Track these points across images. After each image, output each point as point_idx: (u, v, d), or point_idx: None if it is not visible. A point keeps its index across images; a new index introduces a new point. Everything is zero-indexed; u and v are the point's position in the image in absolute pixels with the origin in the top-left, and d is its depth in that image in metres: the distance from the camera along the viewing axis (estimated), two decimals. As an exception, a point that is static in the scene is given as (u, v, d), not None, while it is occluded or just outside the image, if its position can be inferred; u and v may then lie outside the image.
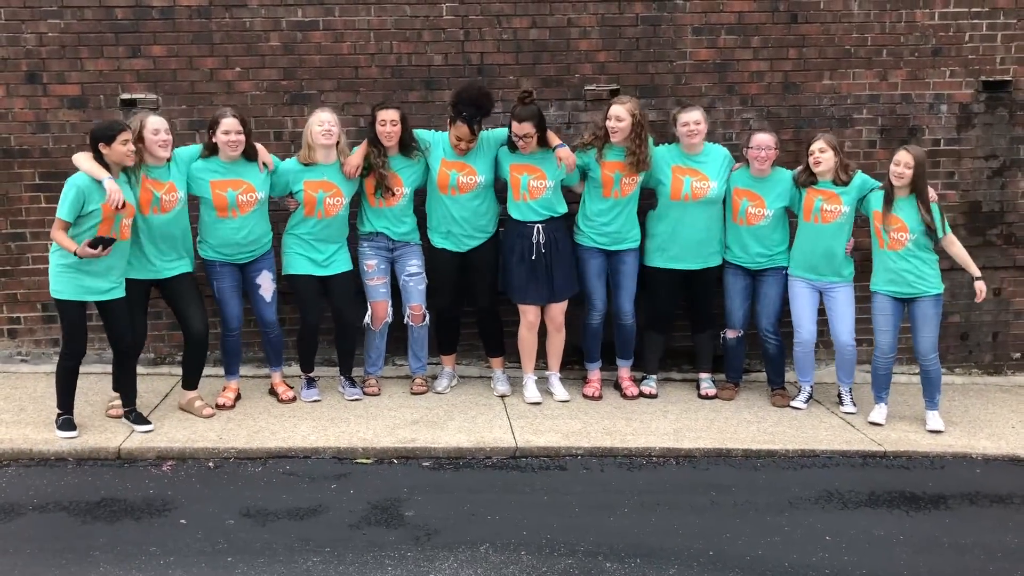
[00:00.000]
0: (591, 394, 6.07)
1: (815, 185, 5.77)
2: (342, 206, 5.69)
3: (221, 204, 5.44)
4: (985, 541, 4.46)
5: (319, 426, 5.47)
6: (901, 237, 5.55)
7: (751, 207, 5.84)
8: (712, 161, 5.88)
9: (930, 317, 5.61)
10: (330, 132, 5.57)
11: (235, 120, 5.39)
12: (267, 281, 5.69)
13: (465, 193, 5.79)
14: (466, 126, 5.62)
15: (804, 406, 6.01)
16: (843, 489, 4.96)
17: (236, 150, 5.42)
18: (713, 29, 6.37)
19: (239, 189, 5.45)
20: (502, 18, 6.26)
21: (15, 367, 6.32)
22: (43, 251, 6.22)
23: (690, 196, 5.82)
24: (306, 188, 5.61)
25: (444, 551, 4.20)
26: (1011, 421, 6.01)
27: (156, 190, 5.22)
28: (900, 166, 5.49)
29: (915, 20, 6.46)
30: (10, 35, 6.04)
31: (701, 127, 5.79)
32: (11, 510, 4.49)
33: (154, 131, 5.16)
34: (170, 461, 5.06)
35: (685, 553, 4.25)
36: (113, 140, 4.90)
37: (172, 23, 6.10)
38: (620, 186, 5.81)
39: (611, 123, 5.68)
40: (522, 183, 5.77)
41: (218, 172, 5.45)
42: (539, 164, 5.77)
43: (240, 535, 4.31)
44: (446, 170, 5.76)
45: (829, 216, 5.72)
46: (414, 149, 5.78)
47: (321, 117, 5.58)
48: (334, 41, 6.20)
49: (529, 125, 5.63)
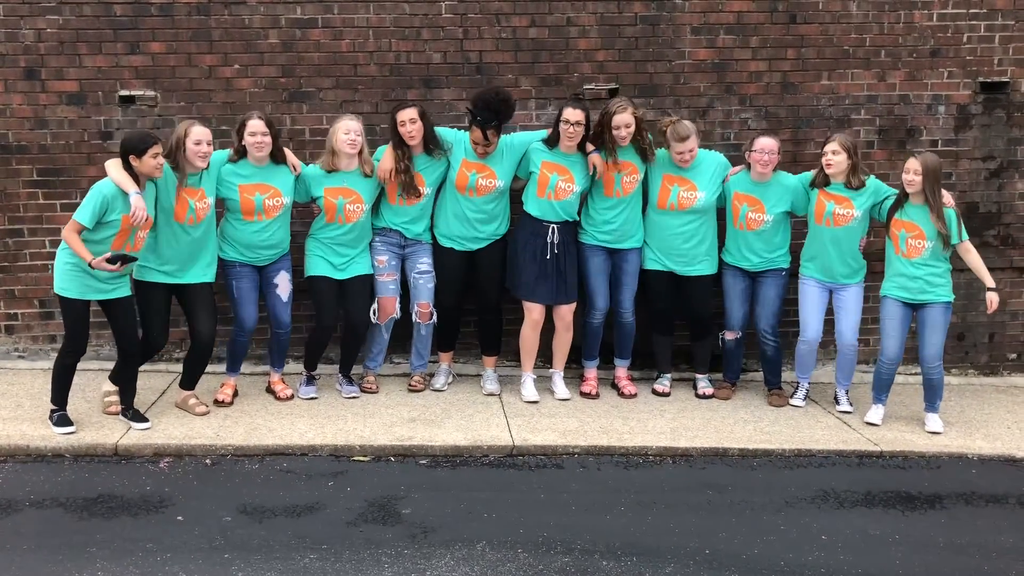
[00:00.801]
0: (589, 392, 6.08)
1: (827, 188, 5.75)
2: (363, 212, 5.69)
3: (248, 208, 5.46)
4: (980, 541, 4.47)
5: (316, 424, 5.48)
6: (919, 244, 5.53)
7: (751, 212, 5.84)
8: (704, 170, 5.88)
9: (938, 324, 5.60)
10: (355, 142, 5.57)
11: (261, 122, 5.42)
12: (284, 281, 5.69)
13: (482, 196, 5.80)
14: (480, 131, 5.63)
15: (803, 403, 6.03)
16: (839, 489, 4.97)
17: (263, 151, 5.44)
18: (712, 29, 6.38)
19: (266, 194, 5.48)
20: (501, 16, 6.27)
21: (12, 363, 6.32)
22: (41, 247, 6.24)
23: (676, 206, 5.85)
24: (326, 195, 5.62)
25: (441, 549, 4.21)
26: (1007, 421, 6.02)
27: (190, 198, 5.23)
28: (910, 173, 5.48)
29: (913, 21, 6.47)
30: (8, 31, 6.04)
31: (694, 153, 5.80)
32: (8, 506, 4.48)
33: (196, 141, 5.15)
34: (167, 458, 5.06)
35: (681, 552, 4.26)
36: (144, 153, 4.88)
37: (171, 20, 6.10)
38: (621, 184, 5.84)
39: (620, 132, 5.70)
40: (551, 181, 5.78)
41: (246, 176, 5.48)
42: (571, 167, 5.79)
43: (237, 532, 4.31)
44: (466, 171, 5.77)
45: (841, 220, 5.71)
46: (437, 148, 5.78)
47: (348, 125, 5.57)
48: (333, 39, 6.20)
49: (582, 114, 5.66)
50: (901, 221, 5.58)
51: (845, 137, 5.78)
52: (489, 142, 5.68)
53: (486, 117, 5.60)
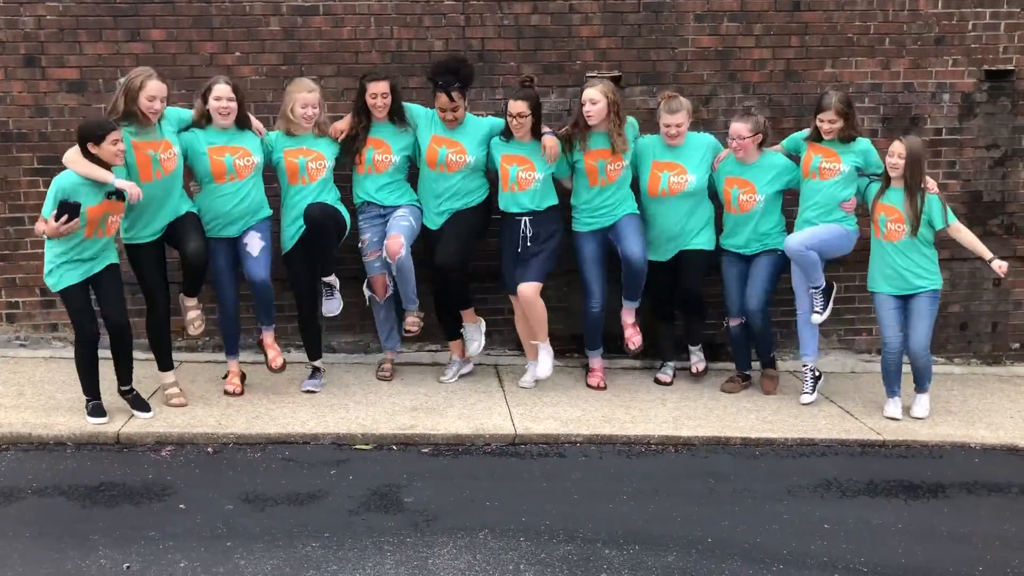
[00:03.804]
0: (596, 384, 6.05)
1: (817, 142, 5.71)
2: (325, 169, 5.63)
3: (219, 171, 5.41)
4: (983, 530, 4.47)
5: (318, 412, 5.47)
6: (898, 228, 5.52)
7: (742, 194, 5.81)
8: (693, 152, 5.83)
9: (925, 313, 5.56)
10: (312, 116, 5.55)
11: (227, 87, 5.36)
12: (255, 239, 5.54)
13: (453, 172, 5.76)
14: (444, 94, 5.59)
15: (812, 396, 5.93)
16: (841, 478, 4.97)
17: (227, 117, 5.39)
18: (715, 16, 6.34)
19: (236, 154, 5.43)
20: (503, 3, 6.23)
21: (14, 352, 6.32)
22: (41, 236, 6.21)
23: (667, 191, 5.82)
24: (286, 156, 5.58)
25: (443, 537, 4.21)
26: (1009, 411, 6.02)
27: (153, 151, 5.17)
28: (894, 156, 5.46)
29: (918, 8, 6.43)
30: (8, 18, 6.00)
31: (683, 129, 5.74)
32: (10, 494, 4.49)
33: (150, 97, 5.07)
34: (169, 446, 5.06)
35: (683, 540, 4.26)
36: (103, 140, 4.84)
37: (172, 7, 6.07)
38: (606, 173, 5.77)
39: (586, 107, 5.64)
40: (511, 174, 5.74)
41: (214, 140, 5.43)
42: (529, 156, 5.74)
43: (239, 520, 4.31)
44: (436, 146, 5.74)
45: (828, 174, 5.66)
46: (402, 121, 5.75)
47: (307, 98, 5.52)
48: (334, 26, 6.17)
49: (524, 104, 5.59)
50: (883, 205, 5.56)
51: (841, 97, 5.65)
52: (456, 105, 5.62)
53: (447, 80, 5.58)
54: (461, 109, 5.69)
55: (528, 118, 5.62)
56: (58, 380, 5.76)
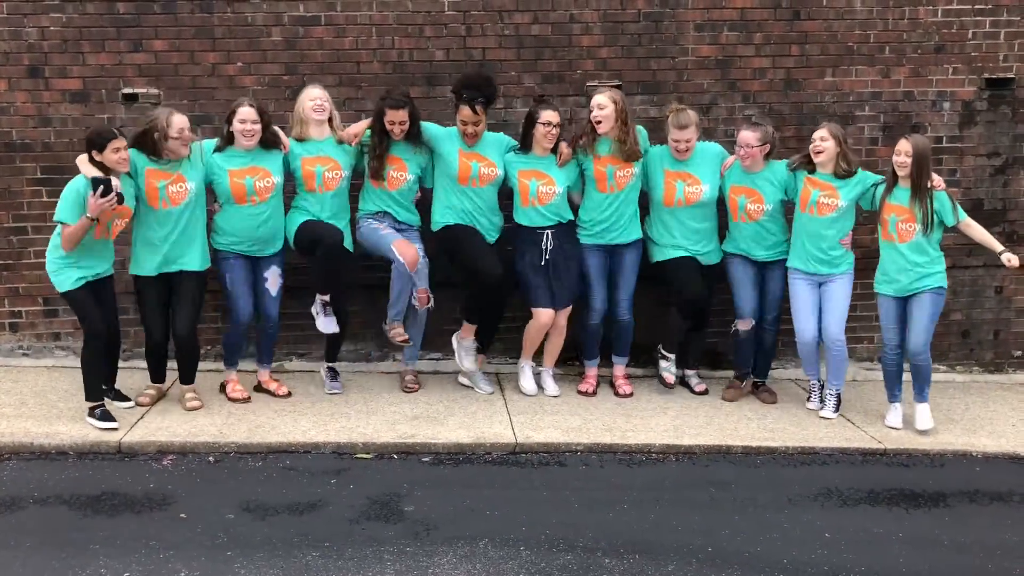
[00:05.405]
0: (586, 390, 6.06)
1: (813, 175, 5.70)
2: (342, 178, 5.68)
3: (239, 193, 5.46)
4: (984, 539, 4.46)
5: (319, 421, 5.48)
6: (909, 228, 5.48)
7: (749, 203, 5.81)
8: (703, 162, 5.85)
9: (926, 310, 5.48)
10: (323, 107, 5.60)
11: (252, 110, 5.43)
12: (274, 276, 5.68)
13: (485, 185, 5.78)
14: (468, 107, 5.61)
15: (823, 407, 5.91)
16: (842, 487, 4.96)
17: (251, 140, 5.45)
18: (715, 26, 6.36)
19: (256, 175, 5.48)
20: (504, 13, 6.26)
21: (16, 361, 6.33)
22: (44, 245, 6.16)
23: (683, 201, 5.82)
24: (303, 164, 5.62)
25: (443, 546, 4.21)
26: (1011, 419, 6.00)
27: (161, 180, 5.26)
28: (901, 155, 5.44)
29: (918, 17, 6.45)
30: (12, 29, 6.04)
31: (692, 144, 5.76)
32: (12, 503, 4.50)
33: (178, 131, 5.20)
34: (171, 455, 5.06)
35: (684, 549, 4.26)
36: (104, 148, 5.00)
37: (174, 17, 6.10)
38: (615, 179, 5.79)
39: (594, 113, 5.68)
40: (531, 189, 5.76)
41: (235, 162, 5.48)
42: (547, 170, 5.78)
43: (240, 529, 4.32)
44: (467, 160, 5.74)
45: (826, 209, 5.66)
46: (419, 144, 5.76)
47: (312, 93, 5.62)
48: (336, 36, 6.20)
49: (558, 116, 5.69)
50: (892, 205, 5.52)
51: (835, 125, 5.73)
52: (479, 119, 5.65)
53: (471, 94, 5.60)
54: (483, 124, 5.71)
55: (559, 127, 5.69)
56: (60, 389, 5.78)
